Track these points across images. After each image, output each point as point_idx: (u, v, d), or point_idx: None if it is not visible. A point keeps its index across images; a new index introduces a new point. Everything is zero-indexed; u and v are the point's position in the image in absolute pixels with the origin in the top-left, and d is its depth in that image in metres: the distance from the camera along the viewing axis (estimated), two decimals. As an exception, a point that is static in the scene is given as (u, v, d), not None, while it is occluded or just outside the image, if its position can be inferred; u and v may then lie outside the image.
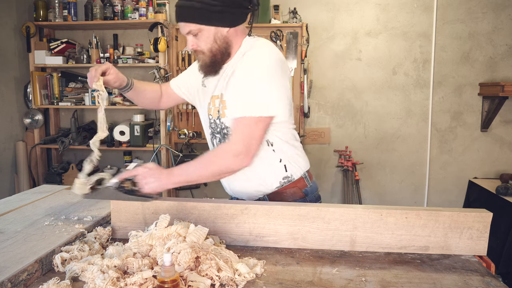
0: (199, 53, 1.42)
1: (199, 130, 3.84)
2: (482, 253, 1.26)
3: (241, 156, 1.34)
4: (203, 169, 1.36)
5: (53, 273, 1.09)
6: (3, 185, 3.64)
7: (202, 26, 1.36)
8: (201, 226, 1.15)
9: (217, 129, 1.50)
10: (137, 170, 1.33)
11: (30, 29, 3.63)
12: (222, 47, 1.41)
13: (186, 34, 1.40)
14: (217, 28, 1.38)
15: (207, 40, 1.38)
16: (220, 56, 1.42)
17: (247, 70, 1.38)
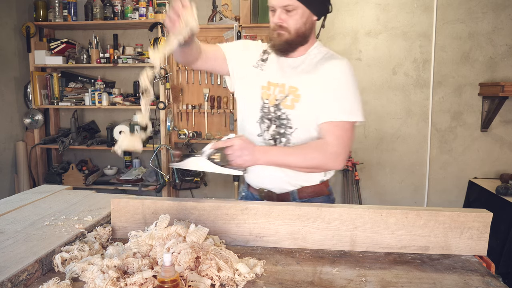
0: (282, 30, 1.43)
1: (199, 130, 3.84)
2: (482, 253, 1.26)
3: (340, 158, 1.42)
4: (301, 159, 1.41)
5: (53, 273, 1.09)
6: (3, 185, 3.64)
7: (301, 5, 1.39)
8: (201, 226, 1.15)
9: (269, 115, 1.51)
10: (233, 141, 1.35)
11: (30, 29, 3.63)
12: (307, 32, 1.46)
13: (279, 7, 1.40)
14: (310, 13, 1.42)
15: (299, 20, 1.41)
16: (301, 40, 1.46)
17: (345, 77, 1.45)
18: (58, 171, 3.78)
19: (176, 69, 3.76)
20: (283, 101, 1.48)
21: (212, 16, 3.66)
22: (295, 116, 1.47)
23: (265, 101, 1.52)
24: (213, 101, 3.78)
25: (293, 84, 1.48)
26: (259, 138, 1.54)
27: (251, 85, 1.57)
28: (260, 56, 1.59)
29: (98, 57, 3.67)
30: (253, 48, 1.63)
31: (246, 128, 1.60)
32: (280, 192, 1.55)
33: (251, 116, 1.57)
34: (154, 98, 3.68)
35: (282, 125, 1.49)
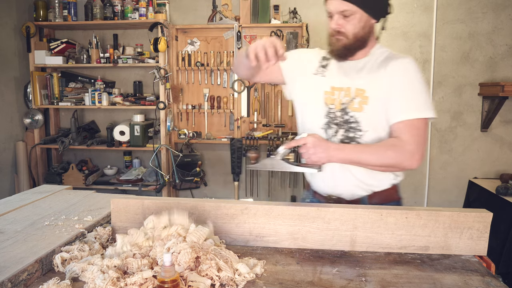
0: (341, 36, 1.43)
1: (199, 130, 3.84)
2: (482, 253, 1.26)
3: (415, 157, 1.40)
4: (376, 157, 1.40)
5: (53, 273, 1.09)
6: (3, 185, 3.64)
7: (359, 9, 1.38)
8: (201, 227, 1.15)
9: (336, 120, 1.49)
10: (306, 139, 1.35)
11: (30, 29, 3.63)
12: (366, 36, 1.45)
13: (336, 13, 1.40)
14: (368, 17, 1.41)
15: (357, 24, 1.41)
16: (360, 44, 1.45)
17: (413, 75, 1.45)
18: (58, 171, 3.78)
19: (176, 69, 3.76)
20: (350, 104, 1.47)
21: (212, 16, 3.66)
22: (365, 119, 1.46)
23: (330, 106, 1.50)
24: (213, 101, 3.79)
25: (359, 86, 1.47)
26: None
27: (313, 91, 1.56)
28: (319, 63, 1.59)
29: (98, 57, 3.67)
30: (311, 56, 1.62)
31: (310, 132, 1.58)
32: (350, 199, 1.53)
33: (314, 122, 1.55)
34: (154, 98, 3.68)
35: (351, 128, 1.48)
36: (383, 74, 1.45)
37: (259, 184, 3.92)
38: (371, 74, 1.47)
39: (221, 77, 3.77)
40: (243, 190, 3.93)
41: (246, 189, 3.91)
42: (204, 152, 3.96)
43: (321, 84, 1.54)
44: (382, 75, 1.45)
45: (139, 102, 3.67)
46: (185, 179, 3.61)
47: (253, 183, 3.89)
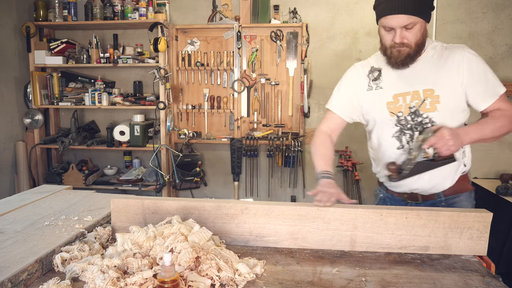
0: (404, 47, 1.46)
1: (199, 130, 3.84)
2: (482, 253, 1.26)
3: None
4: (493, 130, 1.45)
5: (53, 273, 1.09)
6: (3, 185, 3.64)
7: (420, 19, 1.42)
8: (205, 229, 1.14)
9: (408, 125, 1.52)
10: (442, 131, 1.35)
11: (30, 29, 3.62)
12: (424, 40, 1.49)
13: (399, 27, 1.43)
14: (425, 22, 1.46)
15: (417, 33, 1.44)
16: (420, 49, 1.49)
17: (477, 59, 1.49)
18: (58, 171, 3.78)
19: (176, 69, 3.76)
20: (422, 106, 1.49)
21: (212, 16, 3.67)
22: (440, 118, 1.49)
23: (398, 114, 1.53)
24: (213, 101, 3.79)
25: (426, 87, 1.49)
26: (399, 150, 1.55)
27: (375, 106, 1.59)
28: (368, 77, 1.62)
29: (98, 57, 3.66)
30: (354, 77, 1.66)
31: (382, 144, 1.61)
32: (426, 194, 1.57)
33: (385, 133, 1.58)
34: (154, 98, 3.68)
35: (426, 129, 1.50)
36: (448, 68, 1.48)
37: (259, 184, 3.92)
38: (434, 73, 1.49)
39: (221, 77, 3.77)
40: (243, 190, 3.93)
41: (246, 189, 3.91)
42: (204, 152, 3.96)
43: (381, 97, 1.57)
44: (447, 69, 1.48)
45: (139, 102, 3.67)
46: (185, 179, 3.61)
47: (253, 183, 3.89)
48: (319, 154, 1.61)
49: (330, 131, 1.70)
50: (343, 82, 1.72)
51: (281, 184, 3.91)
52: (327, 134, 1.69)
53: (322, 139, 1.67)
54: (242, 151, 3.74)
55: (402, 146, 1.55)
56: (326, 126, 1.72)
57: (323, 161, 1.57)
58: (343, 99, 1.69)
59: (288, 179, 3.86)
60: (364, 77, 1.63)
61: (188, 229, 1.14)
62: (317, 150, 1.63)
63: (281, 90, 3.74)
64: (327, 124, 1.72)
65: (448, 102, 1.48)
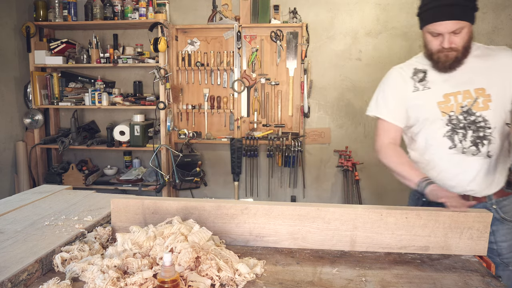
0: (451, 51, 1.47)
1: (199, 130, 3.84)
2: (482, 253, 1.26)
3: None
4: None
5: (53, 273, 1.09)
6: (3, 185, 3.64)
7: (467, 23, 1.46)
8: (205, 229, 1.14)
9: (460, 124, 1.52)
10: None
11: (30, 29, 3.62)
12: (471, 42, 1.52)
13: (447, 33, 1.44)
14: (471, 25, 1.49)
15: (465, 37, 1.47)
16: (467, 52, 1.51)
17: None
18: (58, 171, 3.78)
19: (176, 69, 3.76)
20: (474, 105, 1.50)
21: (212, 16, 3.67)
22: (492, 116, 1.50)
23: (450, 114, 1.53)
24: (213, 101, 3.79)
25: (477, 86, 1.50)
26: (451, 150, 1.54)
27: (425, 106, 1.57)
28: (413, 79, 1.61)
29: (98, 57, 3.66)
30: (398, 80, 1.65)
31: (432, 145, 1.59)
32: (479, 196, 1.55)
33: (436, 133, 1.56)
34: (154, 98, 3.68)
35: (480, 128, 1.50)
36: (496, 68, 1.51)
37: (259, 184, 3.92)
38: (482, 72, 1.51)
39: (221, 77, 3.77)
40: (243, 190, 3.93)
41: (246, 189, 3.91)
42: (204, 152, 3.96)
43: (430, 97, 1.56)
44: (495, 70, 1.51)
45: (139, 102, 3.67)
46: (185, 179, 3.61)
47: (253, 183, 3.89)
48: (404, 164, 1.58)
49: (393, 141, 1.66)
50: (386, 87, 1.70)
51: (281, 184, 3.91)
52: (394, 145, 1.66)
53: (393, 149, 1.64)
54: (242, 151, 3.74)
55: (454, 145, 1.53)
56: (387, 138, 1.67)
57: (413, 169, 1.56)
58: (392, 104, 1.66)
59: (288, 179, 3.87)
60: (408, 79, 1.62)
61: (188, 229, 1.14)
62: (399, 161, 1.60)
63: (281, 90, 3.74)
64: (387, 136, 1.67)
65: (499, 101, 1.49)
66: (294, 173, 3.82)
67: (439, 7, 1.42)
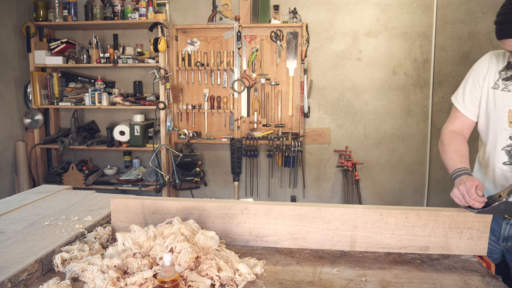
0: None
1: (199, 130, 3.84)
2: (482, 253, 1.25)
3: None
4: None
5: (53, 273, 1.09)
6: (3, 185, 3.64)
7: None
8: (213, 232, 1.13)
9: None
10: None
11: (30, 29, 3.63)
12: None
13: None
14: None
15: None
16: None
17: None
18: (58, 171, 3.78)
19: (176, 69, 3.76)
20: None
21: (212, 16, 3.66)
22: None
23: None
24: (213, 101, 3.79)
25: None
26: (505, 166, 1.43)
27: (496, 109, 1.43)
28: (500, 74, 1.45)
29: (98, 57, 3.67)
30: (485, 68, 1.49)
31: (491, 154, 1.48)
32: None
33: (498, 142, 1.44)
34: (154, 98, 3.68)
35: None
36: None
37: (259, 184, 3.92)
38: None
39: (221, 77, 3.77)
40: (243, 190, 3.93)
41: (246, 189, 3.91)
42: (204, 152, 3.96)
43: (505, 101, 1.40)
44: None
45: (139, 102, 3.67)
46: (185, 179, 3.61)
47: (253, 183, 3.89)
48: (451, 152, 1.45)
49: (459, 131, 1.55)
50: (472, 73, 1.54)
51: (281, 184, 3.91)
52: (455, 132, 1.54)
53: (450, 135, 1.52)
54: (242, 151, 3.74)
55: (510, 162, 1.41)
56: (452, 125, 1.56)
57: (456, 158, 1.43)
58: (469, 95, 1.52)
59: (288, 179, 3.87)
60: (495, 71, 1.46)
61: (188, 229, 1.14)
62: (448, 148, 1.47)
63: (281, 90, 3.74)
64: (454, 124, 1.57)
65: None
66: (294, 173, 3.82)
67: (500, 24, 1.30)
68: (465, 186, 1.29)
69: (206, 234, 1.12)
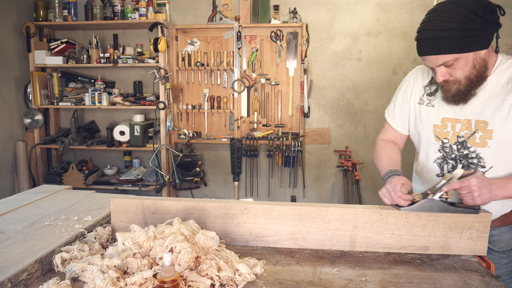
0: (452, 83, 1.29)
1: (199, 130, 3.84)
2: (482, 253, 1.26)
3: None
4: None
5: (53, 273, 1.09)
6: (3, 185, 3.64)
7: (460, 55, 1.23)
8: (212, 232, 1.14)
9: (452, 154, 1.39)
10: (470, 180, 1.20)
11: (30, 29, 3.63)
12: (481, 71, 1.28)
13: (436, 66, 1.27)
14: (475, 53, 1.25)
15: (465, 67, 1.26)
16: (477, 82, 1.29)
17: None
18: (58, 171, 3.78)
19: (176, 69, 3.76)
20: (471, 138, 1.34)
21: (212, 16, 3.67)
22: (489, 155, 1.33)
23: (444, 141, 1.40)
24: (213, 101, 3.79)
25: (480, 118, 1.32)
26: (438, 178, 1.44)
27: (422, 124, 1.45)
28: (424, 89, 1.46)
29: (98, 57, 3.67)
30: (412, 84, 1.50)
31: (424, 166, 1.51)
32: None
33: (429, 155, 1.46)
34: (154, 98, 3.68)
35: (471, 164, 1.36)
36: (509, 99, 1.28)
37: (259, 184, 3.92)
38: (494, 102, 1.30)
39: (221, 77, 3.77)
40: (243, 190, 3.93)
41: (246, 189, 3.91)
42: (204, 152, 3.96)
43: (430, 116, 1.42)
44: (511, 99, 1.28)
45: (139, 102, 3.67)
46: (185, 179, 3.61)
47: (253, 183, 3.89)
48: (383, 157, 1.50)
49: (391, 141, 1.61)
50: (401, 89, 1.56)
51: (281, 184, 3.91)
52: (388, 141, 1.60)
53: (382, 144, 1.58)
54: (242, 151, 3.74)
55: (442, 174, 1.43)
56: (386, 137, 1.62)
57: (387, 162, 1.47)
58: (399, 110, 1.56)
59: (288, 179, 3.87)
60: (420, 87, 1.48)
61: (188, 229, 1.14)
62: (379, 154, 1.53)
63: (281, 90, 3.74)
64: (385, 135, 1.63)
65: (503, 141, 1.30)
66: (294, 173, 3.82)
67: (421, 41, 1.27)
68: (391, 184, 1.32)
69: (206, 234, 1.12)
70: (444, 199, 1.24)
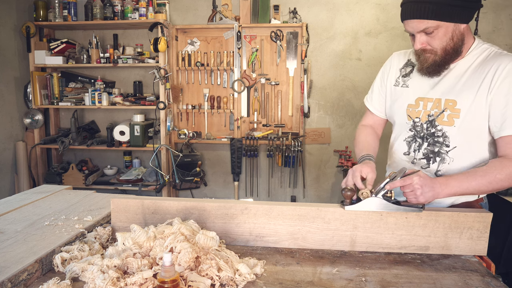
0: (428, 53, 1.32)
1: (199, 130, 3.84)
2: (482, 253, 1.26)
3: None
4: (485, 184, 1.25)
5: (53, 273, 1.09)
6: (3, 185, 3.64)
7: (442, 23, 1.25)
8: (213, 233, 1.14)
9: (421, 133, 1.42)
10: (413, 179, 1.22)
11: (30, 29, 3.63)
12: (458, 45, 1.31)
13: (417, 32, 1.29)
14: (456, 25, 1.27)
15: (443, 38, 1.28)
16: (452, 55, 1.32)
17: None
18: (58, 171, 3.78)
19: (176, 69, 3.76)
20: (439, 117, 1.36)
21: (212, 16, 3.66)
22: (455, 134, 1.35)
23: (415, 120, 1.42)
24: (213, 101, 3.79)
25: (450, 97, 1.34)
26: (404, 156, 1.48)
27: (397, 105, 1.49)
28: (400, 71, 1.51)
29: (98, 57, 3.67)
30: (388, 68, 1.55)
31: (394, 146, 1.53)
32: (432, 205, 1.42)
33: (401, 135, 1.49)
34: (154, 98, 3.68)
35: (436, 143, 1.38)
36: (481, 80, 1.29)
37: (259, 184, 3.92)
38: (464, 82, 1.33)
39: (221, 77, 3.77)
40: (243, 190, 3.93)
41: (246, 189, 3.91)
42: (204, 152, 3.96)
43: (405, 96, 1.46)
44: (480, 82, 1.30)
45: (139, 102, 3.67)
46: (185, 179, 3.61)
47: (253, 183, 3.89)
48: (359, 143, 1.55)
49: (369, 126, 1.66)
50: (379, 74, 1.61)
51: (281, 184, 3.91)
52: (367, 126, 1.65)
53: (360, 130, 1.63)
54: (242, 151, 3.74)
55: (408, 153, 1.46)
56: (364, 122, 1.68)
57: (363, 148, 1.52)
58: (377, 94, 1.60)
59: (288, 179, 3.87)
60: (396, 70, 1.52)
61: (188, 229, 1.14)
62: (357, 140, 1.58)
63: (281, 90, 3.74)
64: (365, 121, 1.68)
65: (469, 120, 1.31)
66: (294, 173, 3.82)
67: (406, 4, 1.27)
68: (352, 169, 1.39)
69: (207, 234, 1.12)
70: (388, 198, 1.26)
